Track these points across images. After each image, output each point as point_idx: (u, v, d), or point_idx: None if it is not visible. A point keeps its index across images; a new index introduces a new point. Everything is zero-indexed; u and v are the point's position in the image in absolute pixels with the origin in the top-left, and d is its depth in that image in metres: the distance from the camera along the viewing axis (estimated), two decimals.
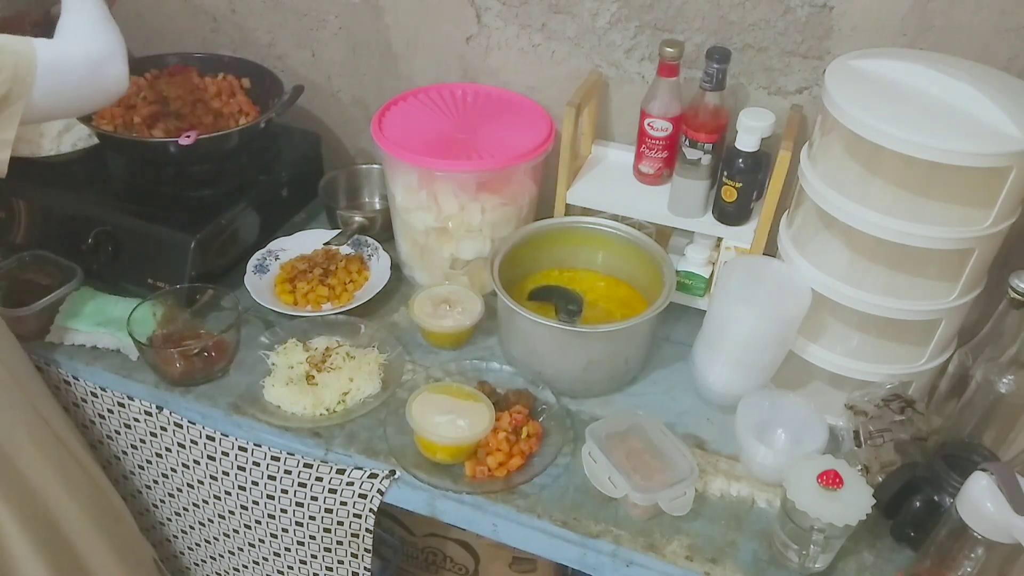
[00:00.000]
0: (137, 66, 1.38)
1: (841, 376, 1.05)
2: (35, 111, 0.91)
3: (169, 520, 1.26)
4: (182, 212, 1.25)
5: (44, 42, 0.93)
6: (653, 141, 1.17)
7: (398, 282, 1.31)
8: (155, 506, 1.25)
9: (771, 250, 1.13)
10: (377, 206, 1.48)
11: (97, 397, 1.16)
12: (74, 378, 1.16)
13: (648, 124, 1.16)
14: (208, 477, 1.14)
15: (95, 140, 1.34)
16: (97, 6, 1.04)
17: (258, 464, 1.09)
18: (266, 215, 1.36)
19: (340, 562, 1.12)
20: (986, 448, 0.95)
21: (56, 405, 1.10)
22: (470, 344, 1.22)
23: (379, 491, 1.03)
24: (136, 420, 1.14)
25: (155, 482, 1.21)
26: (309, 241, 1.34)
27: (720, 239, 1.18)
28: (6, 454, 0.98)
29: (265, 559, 1.19)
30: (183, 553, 1.30)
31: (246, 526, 1.16)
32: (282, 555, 1.16)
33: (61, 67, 0.93)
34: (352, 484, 1.04)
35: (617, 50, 1.25)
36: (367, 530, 1.06)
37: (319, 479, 1.06)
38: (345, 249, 1.32)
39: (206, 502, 1.17)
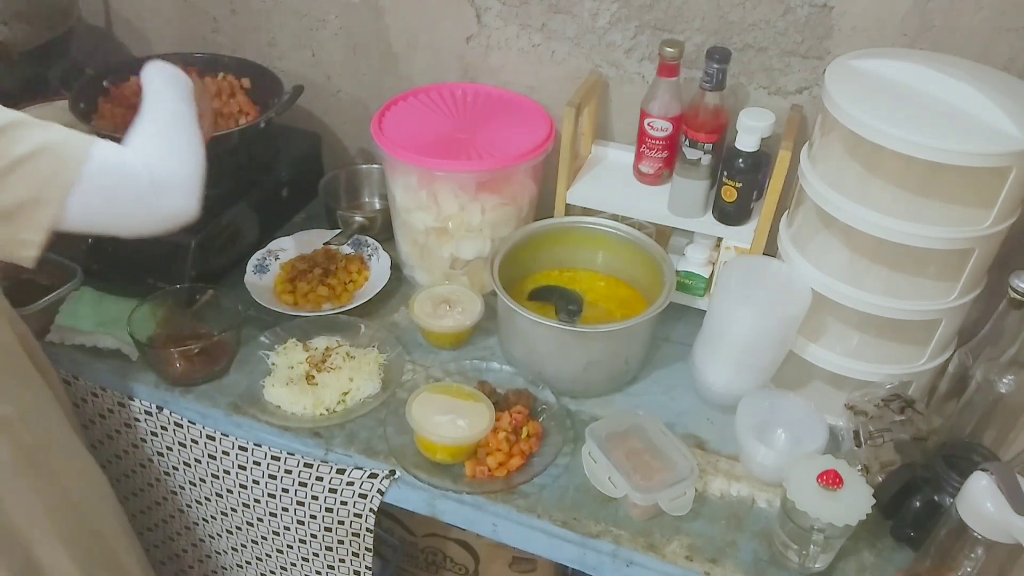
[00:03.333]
0: (137, 66, 1.38)
1: (841, 376, 1.05)
2: (68, 220, 0.82)
3: (172, 517, 1.25)
4: None
5: (107, 149, 0.83)
6: (653, 141, 1.17)
7: (398, 282, 1.31)
8: (157, 504, 1.25)
9: (771, 250, 1.13)
10: (377, 206, 1.48)
11: (97, 397, 1.16)
12: (74, 378, 1.16)
13: (648, 124, 1.16)
14: (209, 475, 1.14)
15: None
16: (182, 117, 0.94)
17: (258, 463, 1.09)
18: (266, 215, 1.36)
19: (341, 560, 1.12)
20: (986, 448, 0.95)
21: (90, 461, 1.06)
22: (470, 344, 1.22)
23: (379, 491, 1.03)
24: (136, 420, 1.14)
25: (157, 480, 1.21)
26: (309, 241, 1.34)
27: (720, 239, 1.18)
28: (17, 531, 0.94)
29: (268, 555, 1.19)
30: (184, 552, 1.30)
31: (248, 523, 1.16)
32: (284, 552, 1.16)
33: (114, 181, 0.83)
34: (352, 484, 1.04)
35: (617, 50, 1.25)
36: (367, 530, 1.06)
37: (319, 479, 1.06)
38: (345, 249, 1.32)
39: (208, 499, 1.17)
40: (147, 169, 0.85)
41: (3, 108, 0.78)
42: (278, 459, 1.07)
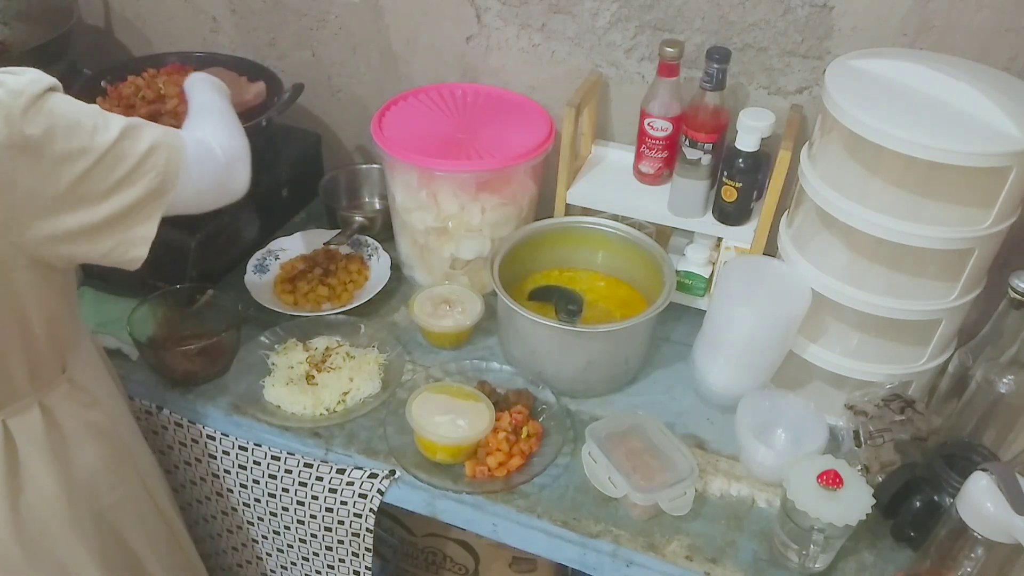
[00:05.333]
0: (136, 66, 1.38)
1: (841, 376, 1.05)
2: (175, 204, 0.87)
3: None
4: None
5: (191, 135, 0.91)
6: (653, 141, 1.17)
7: (398, 282, 1.31)
8: None
9: (771, 250, 1.13)
10: (377, 206, 1.48)
11: None
12: None
13: (648, 124, 1.16)
14: (209, 475, 1.14)
15: None
16: (225, 110, 1.04)
17: (258, 463, 1.09)
18: (266, 215, 1.36)
19: (341, 560, 1.12)
20: (986, 448, 0.95)
21: (158, 471, 1.08)
22: (470, 344, 1.22)
23: (379, 491, 1.03)
24: (136, 419, 1.14)
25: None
26: (309, 241, 1.34)
27: (720, 239, 1.18)
28: (117, 531, 0.97)
29: (269, 554, 1.19)
30: None
31: (248, 523, 1.16)
32: (284, 551, 1.16)
33: (204, 161, 0.91)
34: (352, 484, 1.04)
35: (617, 50, 1.25)
36: (367, 530, 1.06)
37: (319, 479, 1.06)
38: (345, 249, 1.32)
39: (208, 498, 1.17)
40: (218, 146, 0.94)
41: (113, 114, 0.82)
42: (278, 459, 1.07)
